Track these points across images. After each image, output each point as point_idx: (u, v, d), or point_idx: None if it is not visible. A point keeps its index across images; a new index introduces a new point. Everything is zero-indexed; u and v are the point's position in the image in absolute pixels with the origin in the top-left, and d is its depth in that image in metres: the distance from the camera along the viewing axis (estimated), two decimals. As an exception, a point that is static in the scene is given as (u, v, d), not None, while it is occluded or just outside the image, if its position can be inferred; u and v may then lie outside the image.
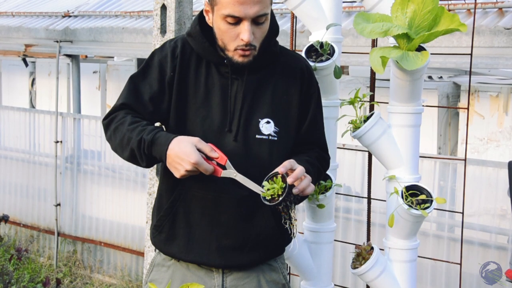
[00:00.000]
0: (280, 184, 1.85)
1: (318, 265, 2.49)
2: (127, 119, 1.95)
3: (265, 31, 1.98)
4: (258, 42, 1.96)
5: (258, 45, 1.97)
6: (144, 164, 1.93)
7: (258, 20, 1.92)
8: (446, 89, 5.30)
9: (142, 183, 5.18)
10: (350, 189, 4.24)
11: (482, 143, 4.99)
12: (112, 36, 5.42)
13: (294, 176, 1.85)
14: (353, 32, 3.99)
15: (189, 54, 2.03)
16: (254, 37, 1.93)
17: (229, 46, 1.95)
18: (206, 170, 1.83)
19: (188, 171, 1.83)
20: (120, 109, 2.00)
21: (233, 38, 1.93)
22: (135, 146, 1.90)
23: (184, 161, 1.82)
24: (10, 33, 6.14)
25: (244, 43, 1.92)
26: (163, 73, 2.01)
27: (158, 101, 2.01)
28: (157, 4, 3.26)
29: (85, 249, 5.53)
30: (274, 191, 1.85)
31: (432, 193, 2.23)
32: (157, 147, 1.87)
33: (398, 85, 2.23)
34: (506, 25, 3.59)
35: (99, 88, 7.38)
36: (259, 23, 1.93)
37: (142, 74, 2.04)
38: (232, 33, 1.93)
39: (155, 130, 1.91)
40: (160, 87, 2.01)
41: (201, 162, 1.82)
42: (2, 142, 6.18)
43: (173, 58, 2.02)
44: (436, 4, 2.07)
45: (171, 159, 1.85)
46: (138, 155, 1.91)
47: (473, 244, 3.75)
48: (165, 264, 2.09)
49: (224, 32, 1.94)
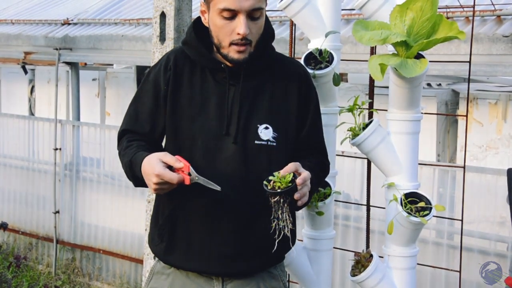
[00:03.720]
0: (288, 180, 1.85)
1: (317, 272, 2.49)
2: (123, 145, 2.05)
3: (260, 27, 1.98)
4: (254, 38, 1.96)
5: (254, 42, 1.96)
6: (136, 184, 2.02)
7: (253, 15, 1.93)
8: (445, 97, 5.31)
9: (141, 191, 5.16)
10: (349, 197, 4.23)
11: (481, 150, 5.00)
12: (112, 43, 5.42)
13: (303, 178, 1.85)
14: (352, 39, 4.00)
15: (182, 65, 2.04)
16: (250, 32, 1.93)
17: (224, 42, 1.95)
18: (171, 179, 1.85)
19: (156, 184, 1.86)
20: (122, 135, 2.10)
21: (229, 33, 1.94)
22: (125, 170, 2.01)
23: (150, 175, 1.86)
24: (9, 40, 6.15)
25: (240, 37, 1.92)
26: (157, 88, 2.04)
27: (155, 117, 2.05)
28: (157, 12, 3.27)
29: (84, 257, 5.52)
30: (278, 183, 1.84)
31: (431, 200, 2.23)
32: (136, 168, 1.94)
33: (397, 93, 2.24)
34: (505, 33, 3.60)
35: (98, 95, 7.39)
36: (254, 18, 1.94)
37: (139, 93, 2.10)
38: (228, 28, 1.93)
39: (135, 152, 1.97)
40: (155, 103, 2.05)
41: (163, 172, 1.84)
42: (1, 150, 6.18)
43: (165, 71, 2.04)
44: (435, 12, 2.08)
45: (144, 176, 1.91)
46: (130, 178, 2.01)
47: (473, 252, 3.75)
48: (164, 272, 2.09)
49: (220, 27, 1.94)
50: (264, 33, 2.02)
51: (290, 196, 1.84)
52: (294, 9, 2.42)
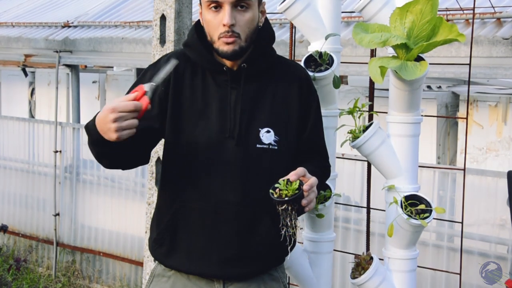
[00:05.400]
0: (294, 187, 1.84)
1: (317, 275, 2.49)
2: None
3: (249, 20, 1.96)
4: (243, 31, 1.95)
5: (243, 35, 1.95)
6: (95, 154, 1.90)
7: (239, 5, 1.93)
8: (445, 99, 5.32)
9: (141, 193, 5.18)
10: (350, 199, 4.23)
11: (481, 153, 5.00)
12: (112, 46, 5.43)
13: (309, 184, 1.85)
14: (352, 42, 4.00)
15: (183, 68, 2.03)
16: (237, 25, 1.93)
17: (214, 36, 1.95)
18: (126, 106, 1.74)
19: (115, 120, 1.74)
20: None
21: (217, 26, 1.94)
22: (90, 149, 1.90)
23: (106, 116, 1.76)
24: (10, 43, 6.16)
25: (226, 28, 1.92)
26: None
27: (148, 115, 1.98)
28: (157, 15, 3.27)
29: (84, 259, 5.52)
30: (285, 191, 1.83)
31: (431, 203, 2.23)
32: (90, 126, 1.84)
33: (397, 95, 2.24)
34: (504, 35, 3.61)
35: (99, 98, 7.40)
36: (240, 8, 1.93)
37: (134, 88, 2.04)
38: (216, 22, 1.94)
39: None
40: (150, 102, 2.00)
41: (117, 103, 1.75)
42: (2, 152, 6.18)
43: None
44: (435, 15, 2.08)
45: (100, 127, 1.80)
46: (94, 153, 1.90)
47: (473, 254, 3.75)
48: (165, 275, 2.09)
49: (209, 22, 1.95)
50: (264, 35, 2.02)
51: (298, 203, 1.83)
52: (294, 12, 2.43)
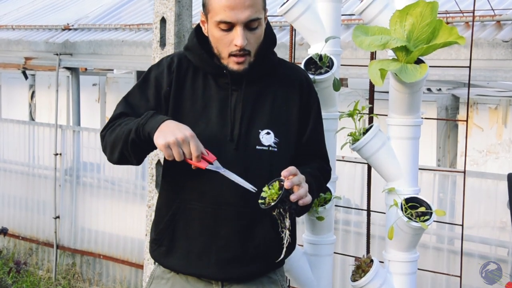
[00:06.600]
0: (276, 189, 1.84)
1: (317, 277, 2.49)
2: (118, 121, 1.96)
3: (259, 37, 1.98)
4: (253, 48, 1.97)
5: (253, 52, 1.97)
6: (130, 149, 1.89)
7: (250, 25, 1.93)
8: (445, 102, 5.31)
9: (142, 196, 5.17)
10: (350, 202, 4.23)
11: (481, 155, 4.99)
12: (112, 49, 5.43)
13: (291, 181, 1.84)
14: (352, 44, 4.01)
15: (186, 69, 2.04)
16: (248, 43, 1.94)
17: (224, 53, 1.96)
18: (197, 147, 1.81)
19: (176, 140, 1.79)
20: (118, 118, 2.00)
21: (227, 44, 1.94)
22: (125, 134, 1.89)
23: (180, 130, 1.81)
24: (10, 46, 6.16)
25: (237, 48, 1.93)
26: (159, 88, 2.03)
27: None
28: (157, 17, 3.27)
29: (84, 262, 5.52)
30: (270, 196, 1.84)
31: (431, 206, 2.23)
32: (153, 121, 1.85)
33: (397, 98, 2.24)
34: (504, 38, 3.61)
35: (99, 100, 7.39)
36: (252, 28, 1.94)
37: (138, 89, 2.05)
38: (226, 40, 1.94)
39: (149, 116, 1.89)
40: (156, 102, 2.02)
41: (195, 138, 1.81)
42: (2, 155, 6.18)
43: (169, 73, 2.03)
44: (435, 17, 2.08)
45: (166, 126, 1.83)
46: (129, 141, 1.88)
47: (473, 257, 3.74)
48: (164, 277, 2.09)
49: (218, 39, 1.95)
50: (265, 39, 2.02)
51: (287, 202, 1.83)
52: (294, 15, 2.43)
